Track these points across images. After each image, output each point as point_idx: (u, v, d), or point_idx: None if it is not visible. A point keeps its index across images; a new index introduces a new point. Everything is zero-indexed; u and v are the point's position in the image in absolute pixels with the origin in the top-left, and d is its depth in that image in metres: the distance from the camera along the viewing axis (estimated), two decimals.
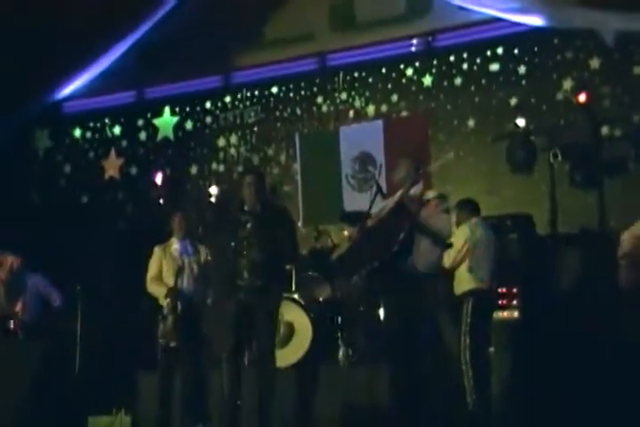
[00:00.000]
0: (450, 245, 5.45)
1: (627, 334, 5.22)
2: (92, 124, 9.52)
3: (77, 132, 9.60)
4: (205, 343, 6.33)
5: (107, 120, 9.46)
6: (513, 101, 7.44)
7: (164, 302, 6.22)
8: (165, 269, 6.37)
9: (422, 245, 5.46)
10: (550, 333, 5.73)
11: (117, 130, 9.46)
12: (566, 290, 6.30)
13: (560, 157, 6.61)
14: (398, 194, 5.49)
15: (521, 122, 7.14)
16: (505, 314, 6.00)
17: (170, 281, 6.27)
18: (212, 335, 6.00)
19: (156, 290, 6.33)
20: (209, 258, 6.48)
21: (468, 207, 5.77)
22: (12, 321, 7.05)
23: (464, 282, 5.50)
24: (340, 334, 6.80)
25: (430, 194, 5.66)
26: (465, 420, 5.30)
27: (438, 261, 5.48)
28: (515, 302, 6.06)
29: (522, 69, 7.50)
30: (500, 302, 6.05)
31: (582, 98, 6.87)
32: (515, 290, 6.07)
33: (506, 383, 5.61)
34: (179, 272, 6.27)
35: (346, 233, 6.28)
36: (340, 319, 6.79)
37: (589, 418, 5.17)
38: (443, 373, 5.40)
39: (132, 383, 6.79)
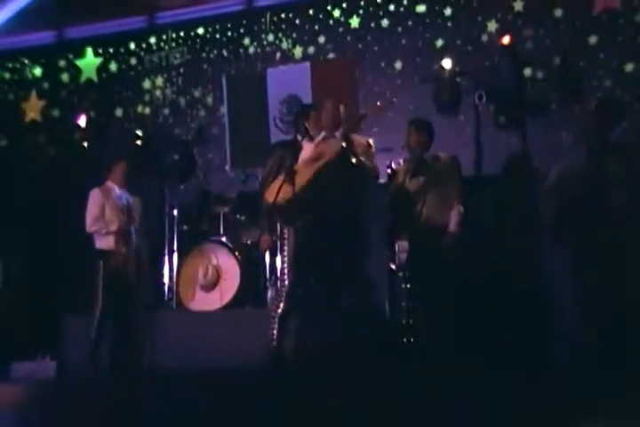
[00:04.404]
0: None
1: (549, 268, 5.37)
2: (10, 65, 9.21)
3: None
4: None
5: (26, 61, 9.17)
6: (439, 43, 7.45)
7: (109, 240, 6.22)
8: (109, 211, 6.38)
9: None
10: (476, 269, 5.88)
11: (38, 71, 9.17)
12: (490, 229, 6.44)
13: (484, 99, 6.67)
14: (338, 141, 5.42)
15: (447, 64, 7.17)
16: None
17: (114, 223, 6.30)
18: None
19: (102, 228, 6.34)
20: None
21: None
22: None
23: None
24: (267, 277, 6.87)
25: (359, 138, 5.64)
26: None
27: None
28: None
29: (448, 11, 7.50)
30: None
31: (506, 40, 6.92)
32: None
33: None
34: (125, 214, 6.33)
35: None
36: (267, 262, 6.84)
37: None
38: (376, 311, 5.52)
39: (58, 328, 6.76)
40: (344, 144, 5.38)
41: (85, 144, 8.28)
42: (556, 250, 5.09)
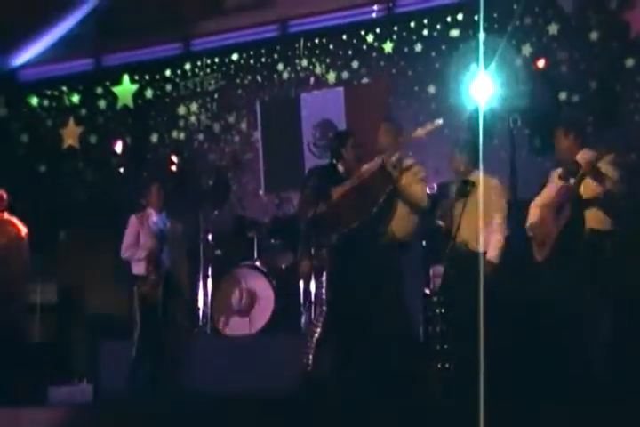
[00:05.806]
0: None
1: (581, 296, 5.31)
2: (49, 92, 9.38)
3: (34, 101, 9.45)
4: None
5: (64, 88, 9.33)
6: (473, 68, 7.45)
7: (142, 266, 6.27)
8: (143, 238, 6.44)
9: (401, 212, 5.52)
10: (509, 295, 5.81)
11: (76, 98, 9.33)
12: (524, 256, 6.37)
13: (519, 123, 6.64)
14: (379, 159, 5.53)
15: (481, 88, 7.14)
16: None
17: (145, 250, 6.37)
18: None
19: (134, 254, 6.39)
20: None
21: None
22: None
23: None
24: (302, 302, 6.85)
25: (409, 161, 5.68)
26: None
27: (413, 229, 5.57)
28: None
29: (482, 36, 7.49)
30: None
31: (541, 64, 6.90)
32: None
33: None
34: (159, 241, 6.37)
35: None
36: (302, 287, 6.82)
37: None
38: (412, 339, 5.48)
39: (95, 353, 6.79)
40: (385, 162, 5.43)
41: (122, 170, 8.38)
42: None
